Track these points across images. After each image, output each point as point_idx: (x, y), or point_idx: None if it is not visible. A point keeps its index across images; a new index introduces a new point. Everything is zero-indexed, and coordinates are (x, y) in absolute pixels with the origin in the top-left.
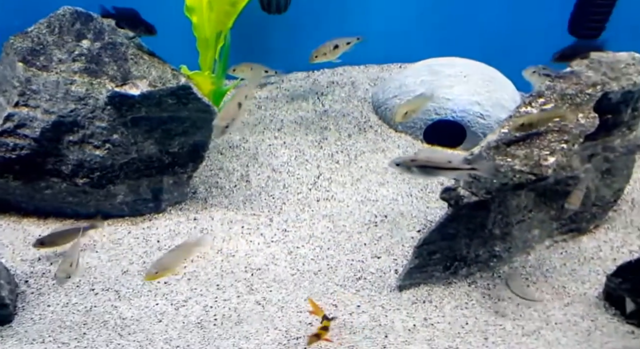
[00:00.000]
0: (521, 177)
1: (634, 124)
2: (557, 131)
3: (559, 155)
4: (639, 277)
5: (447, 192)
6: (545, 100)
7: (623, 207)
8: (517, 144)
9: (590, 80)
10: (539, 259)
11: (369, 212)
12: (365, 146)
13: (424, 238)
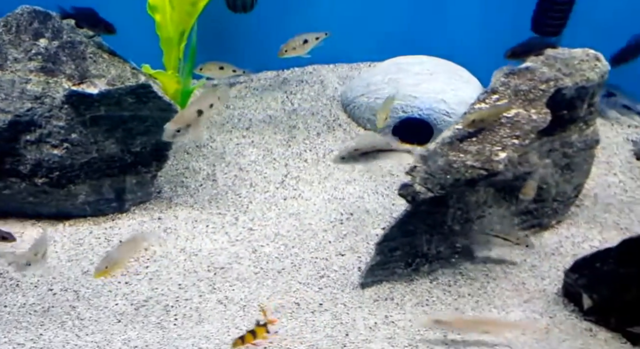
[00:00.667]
0: (473, 172)
1: (591, 120)
2: (510, 127)
3: (510, 150)
4: (594, 272)
5: (404, 188)
6: (499, 96)
7: (586, 202)
8: (470, 140)
9: (544, 76)
10: (500, 255)
11: (335, 210)
12: (333, 144)
13: (385, 235)
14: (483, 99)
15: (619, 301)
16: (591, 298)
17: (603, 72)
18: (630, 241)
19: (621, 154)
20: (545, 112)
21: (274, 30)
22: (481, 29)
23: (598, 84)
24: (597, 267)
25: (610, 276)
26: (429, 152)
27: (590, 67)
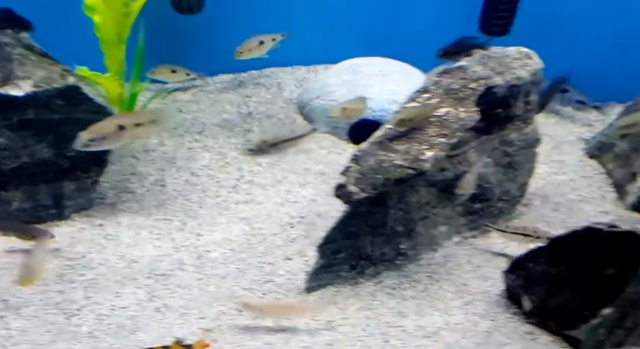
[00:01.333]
0: (402, 171)
1: (529, 118)
2: (438, 125)
3: (437, 149)
4: (528, 273)
5: (339, 189)
6: (430, 95)
7: (535, 201)
8: (399, 139)
9: (476, 74)
10: (446, 256)
11: (287, 214)
12: (288, 147)
13: (325, 237)
14: (414, 98)
15: (554, 303)
16: (530, 299)
17: (535, 70)
18: (558, 239)
19: (574, 152)
20: (474, 111)
21: (230, 33)
22: (433, 30)
23: (531, 82)
24: (530, 267)
25: (543, 277)
26: (362, 152)
27: (522, 65)
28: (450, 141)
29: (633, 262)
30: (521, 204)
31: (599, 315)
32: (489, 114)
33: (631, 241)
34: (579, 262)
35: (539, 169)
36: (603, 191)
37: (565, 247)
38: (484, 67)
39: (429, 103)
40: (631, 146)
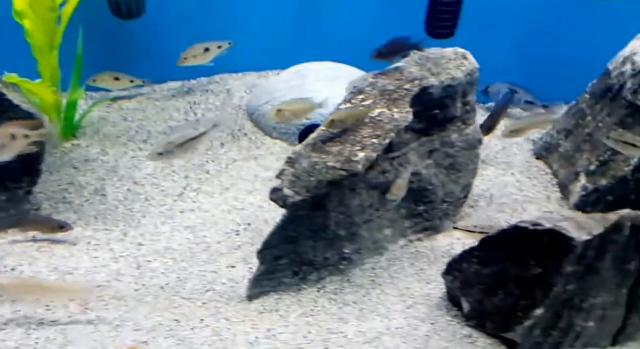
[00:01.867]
0: (334, 173)
1: (470, 119)
2: (372, 127)
3: (369, 150)
4: (464, 274)
5: (274, 193)
6: (364, 97)
7: (481, 203)
8: (333, 141)
9: (412, 76)
10: (390, 260)
11: (233, 221)
12: (238, 154)
13: (265, 242)
14: (349, 99)
15: (490, 305)
16: (468, 301)
17: (470, 70)
18: (489, 239)
19: (521, 154)
20: (407, 111)
21: (179, 40)
22: (382, 34)
23: (467, 82)
24: (465, 268)
25: (478, 278)
26: (296, 154)
27: (457, 65)
28: (383, 142)
29: (557, 261)
30: (467, 206)
31: (532, 316)
32: (426, 116)
33: (554, 239)
34: (508, 262)
35: (486, 171)
36: (548, 191)
37: (495, 247)
38: (420, 68)
39: (362, 104)
40: (574, 146)
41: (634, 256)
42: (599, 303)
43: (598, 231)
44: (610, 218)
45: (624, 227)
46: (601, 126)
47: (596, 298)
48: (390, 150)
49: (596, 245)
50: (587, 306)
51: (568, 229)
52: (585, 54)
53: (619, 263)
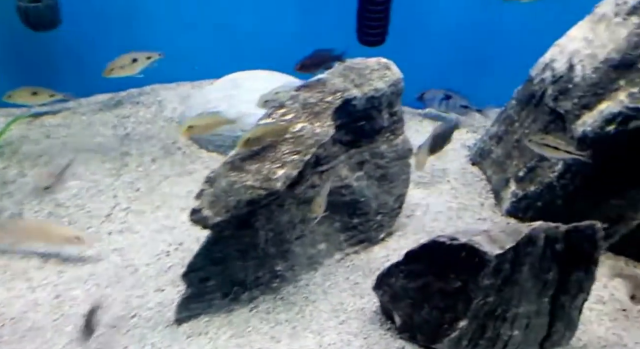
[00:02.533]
0: (252, 192)
1: (398, 129)
2: (292, 142)
3: (289, 167)
4: (391, 288)
5: (194, 214)
6: (286, 111)
7: (417, 212)
8: (252, 159)
9: (334, 87)
10: (325, 275)
11: (164, 241)
12: (170, 170)
13: (189, 264)
14: (269, 114)
15: (418, 317)
16: (398, 314)
17: (393, 80)
18: (411, 253)
19: (457, 160)
20: (329, 125)
21: (109, 51)
22: (315, 42)
23: (392, 92)
24: (392, 283)
25: (405, 292)
26: (215, 173)
27: (380, 76)
28: (304, 158)
29: (474, 274)
30: (404, 215)
31: (457, 328)
32: (353, 127)
33: (469, 253)
34: (431, 275)
35: (423, 179)
36: (482, 197)
37: (418, 261)
38: (344, 79)
39: (283, 119)
40: (505, 152)
41: (552, 265)
42: (522, 312)
43: (510, 244)
44: (522, 231)
45: (537, 239)
46: (527, 132)
47: (519, 307)
48: (318, 163)
49: (510, 258)
50: (511, 316)
51: (481, 243)
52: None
53: (536, 273)
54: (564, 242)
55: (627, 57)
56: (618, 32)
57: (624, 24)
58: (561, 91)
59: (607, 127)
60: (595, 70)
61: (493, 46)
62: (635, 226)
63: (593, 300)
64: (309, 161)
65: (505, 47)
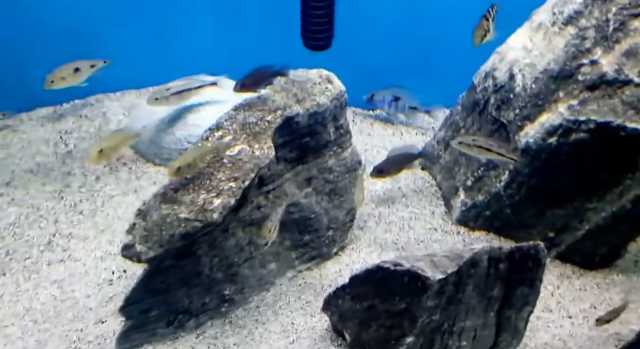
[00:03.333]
0: (187, 225)
1: (345, 142)
2: (230, 167)
3: (226, 196)
4: (340, 309)
5: (126, 249)
6: (223, 133)
7: (369, 223)
8: (185, 188)
9: (275, 105)
10: (276, 295)
11: (107, 269)
12: (116, 188)
13: (126, 298)
14: (206, 137)
15: (367, 336)
16: (348, 333)
17: (335, 94)
18: (356, 278)
19: None
20: (269, 147)
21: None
22: (260, 47)
23: (335, 106)
24: (340, 304)
25: (352, 312)
26: (146, 206)
27: (321, 90)
28: (242, 185)
29: (417, 297)
30: (356, 227)
31: (403, 343)
32: (297, 144)
33: (412, 278)
34: (376, 298)
35: (375, 186)
36: (433, 205)
37: (363, 285)
38: (286, 94)
39: (220, 142)
40: (453, 158)
41: (496, 283)
42: (469, 325)
43: (452, 269)
44: (463, 256)
45: (480, 261)
46: None
47: (465, 321)
48: (262, 184)
49: (453, 281)
50: (458, 329)
51: (424, 269)
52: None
53: (482, 291)
54: (508, 261)
55: (565, 68)
56: (555, 42)
57: (561, 34)
58: (503, 100)
59: (549, 139)
60: (535, 81)
61: (442, 44)
62: (581, 236)
63: (541, 308)
64: (252, 184)
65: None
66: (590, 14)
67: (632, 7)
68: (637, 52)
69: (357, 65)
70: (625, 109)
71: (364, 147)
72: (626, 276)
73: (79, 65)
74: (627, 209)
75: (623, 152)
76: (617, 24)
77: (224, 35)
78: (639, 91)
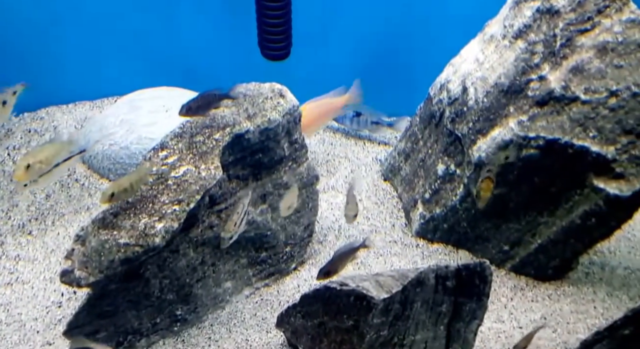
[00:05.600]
0: (127, 251)
1: (300, 157)
2: (174, 189)
3: (169, 220)
4: (292, 326)
5: (64, 275)
6: (167, 153)
7: (329, 237)
8: (126, 212)
9: (224, 122)
10: (232, 313)
11: (56, 291)
12: (66, 206)
13: (69, 322)
14: (149, 158)
15: None
16: (302, 348)
17: (288, 109)
18: (306, 296)
19: (369, 175)
20: (216, 167)
21: None
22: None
23: (288, 121)
24: (292, 321)
25: (304, 329)
26: (85, 231)
27: (273, 106)
28: (187, 208)
29: (364, 315)
30: (316, 241)
31: None
32: (250, 161)
33: (357, 298)
34: (326, 316)
35: (336, 199)
36: (394, 217)
37: (313, 304)
38: (236, 110)
39: (165, 162)
40: (412, 170)
41: (444, 299)
42: (419, 338)
43: (397, 289)
44: (408, 276)
45: (427, 280)
46: (430, 153)
47: (415, 335)
48: (214, 203)
49: (399, 299)
50: (409, 342)
51: (369, 289)
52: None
53: (430, 307)
54: (455, 279)
55: (515, 82)
56: (506, 55)
57: (512, 48)
58: (457, 113)
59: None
60: (487, 95)
61: (403, 54)
62: (534, 249)
63: (493, 319)
64: (201, 205)
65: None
66: (538, 28)
67: (579, 23)
68: (584, 69)
69: (317, 74)
70: (572, 126)
71: (326, 157)
72: (577, 288)
73: (3, 98)
74: (576, 224)
75: (571, 169)
76: (564, 40)
77: (179, 46)
78: (585, 108)
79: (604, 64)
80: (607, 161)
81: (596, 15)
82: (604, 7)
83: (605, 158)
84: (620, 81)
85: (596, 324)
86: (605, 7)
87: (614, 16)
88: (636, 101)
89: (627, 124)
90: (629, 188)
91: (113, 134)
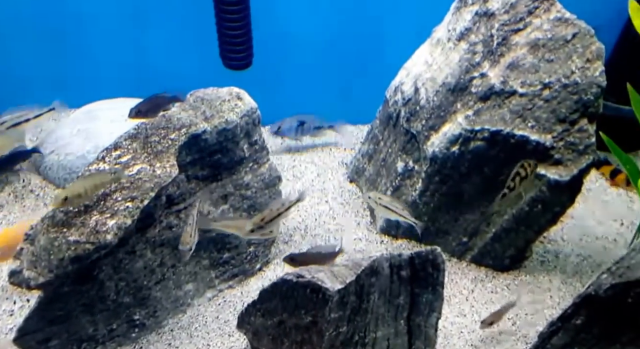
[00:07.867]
0: (77, 248)
1: (262, 158)
2: (129, 188)
3: (121, 217)
4: (253, 326)
5: (13, 276)
6: (121, 152)
7: (295, 236)
8: (77, 211)
9: (180, 123)
10: (193, 317)
11: (8, 300)
12: (21, 216)
13: (19, 329)
14: (102, 157)
15: None
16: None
17: (246, 111)
18: (264, 292)
19: (335, 178)
20: (172, 165)
21: None
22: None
23: (246, 123)
24: (253, 321)
25: (265, 329)
26: (34, 229)
27: (230, 108)
28: (140, 205)
29: (321, 309)
30: (281, 242)
31: None
32: (208, 161)
33: (313, 290)
34: (285, 313)
35: (302, 202)
36: (359, 216)
37: (271, 300)
38: (194, 112)
39: (118, 162)
40: (375, 170)
41: (401, 290)
42: (381, 335)
43: (351, 278)
44: (362, 264)
45: (381, 269)
46: (390, 152)
47: (376, 331)
48: (172, 203)
49: (354, 290)
50: (370, 340)
51: (323, 279)
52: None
53: (388, 299)
54: (409, 268)
55: (460, 81)
56: (451, 57)
57: (456, 49)
58: (411, 112)
59: (452, 148)
60: (436, 94)
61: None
62: (489, 238)
63: (455, 313)
64: (158, 204)
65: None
66: (478, 29)
67: (512, 23)
68: (519, 64)
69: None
70: (513, 118)
71: (292, 163)
72: (533, 277)
73: None
74: (525, 211)
75: (515, 158)
76: (500, 39)
77: (139, 55)
78: (523, 101)
79: (536, 59)
80: (546, 148)
81: (527, 16)
82: (533, 8)
83: (544, 146)
84: (552, 74)
85: (553, 315)
86: (535, 8)
87: (543, 16)
88: (567, 92)
89: (560, 113)
90: (567, 173)
91: (69, 145)
